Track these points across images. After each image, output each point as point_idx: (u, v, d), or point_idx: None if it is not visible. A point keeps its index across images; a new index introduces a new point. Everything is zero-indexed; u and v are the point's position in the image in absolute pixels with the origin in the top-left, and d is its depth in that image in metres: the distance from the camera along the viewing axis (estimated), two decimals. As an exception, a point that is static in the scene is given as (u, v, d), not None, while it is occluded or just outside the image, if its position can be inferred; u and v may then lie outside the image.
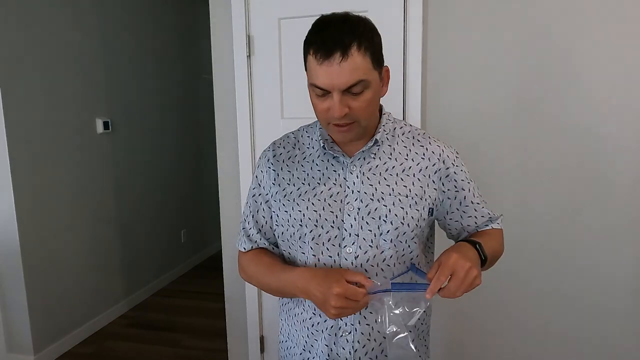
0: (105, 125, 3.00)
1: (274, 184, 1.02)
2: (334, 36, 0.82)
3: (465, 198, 1.02)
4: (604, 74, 1.71)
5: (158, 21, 3.56)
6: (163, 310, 3.30)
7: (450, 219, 1.04)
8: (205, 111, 4.11)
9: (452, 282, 0.80)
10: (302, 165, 1.01)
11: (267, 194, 1.04)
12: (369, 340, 0.96)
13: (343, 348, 0.96)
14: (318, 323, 0.98)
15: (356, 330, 0.95)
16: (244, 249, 1.07)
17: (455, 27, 1.82)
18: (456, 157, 1.02)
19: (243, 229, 1.08)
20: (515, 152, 1.83)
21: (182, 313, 3.23)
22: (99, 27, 2.95)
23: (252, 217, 1.06)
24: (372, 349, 0.96)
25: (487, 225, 1.05)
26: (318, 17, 0.90)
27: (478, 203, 1.04)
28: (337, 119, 0.87)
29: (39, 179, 2.54)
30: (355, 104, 0.86)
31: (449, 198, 1.01)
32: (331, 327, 0.96)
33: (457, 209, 1.02)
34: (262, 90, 2.05)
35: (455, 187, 1.00)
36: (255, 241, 1.06)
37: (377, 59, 0.87)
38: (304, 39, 0.88)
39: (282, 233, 1.01)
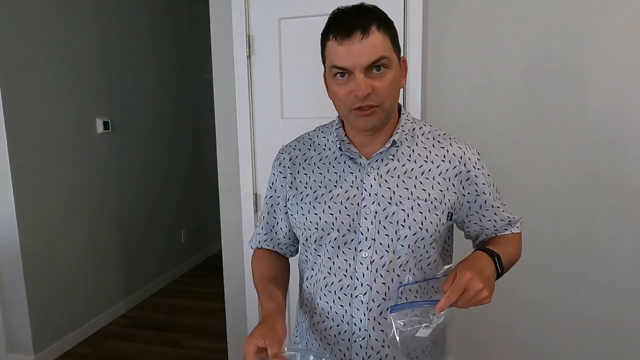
0: (105, 125, 3.00)
1: (290, 187, 1.02)
2: (353, 18, 0.84)
3: (485, 202, 0.99)
4: (608, 74, 1.71)
5: (158, 21, 3.56)
6: (163, 310, 3.30)
7: (470, 221, 1.01)
8: (205, 111, 4.11)
9: (460, 301, 0.79)
10: (319, 168, 0.99)
11: (278, 197, 1.05)
12: (383, 347, 0.94)
13: (357, 354, 0.95)
14: (330, 327, 0.97)
15: (370, 336, 0.94)
16: (251, 246, 1.14)
17: (455, 27, 1.82)
18: (478, 159, 0.98)
19: (256, 227, 1.17)
20: (515, 153, 1.83)
21: (182, 313, 3.23)
22: (99, 27, 2.95)
23: (263, 218, 1.11)
24: (386, 355, 0.95)
25: (507, 229, 1.03)
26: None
27: (498, 207, 1.01)
28: (361, 99, 0.85)
29: (39, 179, 2.54)
30: (378, 84, 0.85)
31: (468, 202, 0.98)
32: (345, 331, 0.95)
33: (477, 212, 1.00)
34: (262, 90, 2.05)
35: (476, 190, 0.97)
36: (258, 241, 1.12)
37: (396, 44, 0.89)
38: (322, 31, 0.89)
39: (301, 236, 1.01)
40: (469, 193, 0.97)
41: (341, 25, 0.84)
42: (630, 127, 1.71)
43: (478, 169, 0.97)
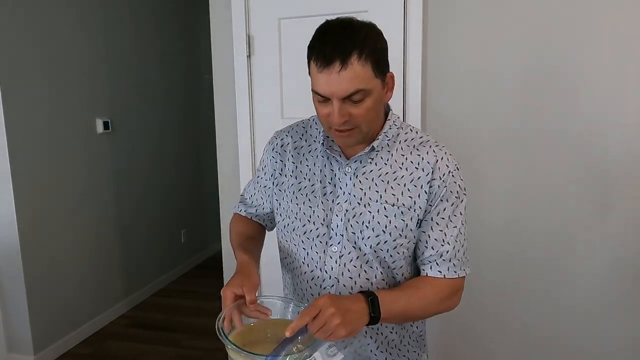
0: (105, 125, 2.99)
1: (280, 174, 1.06)
2: (334, 44, 0.82)
3: (437, 214, 0.93)
4: (609, 73, 1.70)
5: (158, 21, 3.56)
6: (163, 310, 3.30)
7: (420, 232, 0.95)
8: (205, 111, 4.11)
9: (310, 325, 0.79)
10: (307, 160, 1.02)
11: (267, 180, 1.10)
12: (350, 293, 0.96)
13: None
14: (305, 273, 1.02)
15: (338, 282, 0.97)
16: (233, 212, 1.22)
17: (456, 27, 1.82)
18: (450, 172, 0.93)
19: (242, 195, 1.21)
20: (516, 156, 1.83)
21: (182, 313, 3.23)
22: (99, 27, 2.94)
23: (249, 192, 1.18)
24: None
25: (434, 261, 0.94)
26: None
27: (441, 230, 0.93)
28: (337, 125, 0.87)
29: (39, 179, 2.54)
30: (355, 111, 0.86)
31: (430, 206, 0.93)
32: (317, 277, 1.00)
33: (424, 221, 0.94)
34: (262, 90, 2.05)
35: (432, 199, 0.93)
36: (240, 210, 1.19)
37: (379, 67, 0.85)
38: (308, 43, 0.88)
39: (279, 222, 1.06)
40: (431, 198, 0.93)
41: (321, 52, 0.83)
42: (632, 129, 1.71)
43: (443, 180, 0.92)
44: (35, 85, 2.50)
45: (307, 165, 1.02)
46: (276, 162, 1.07)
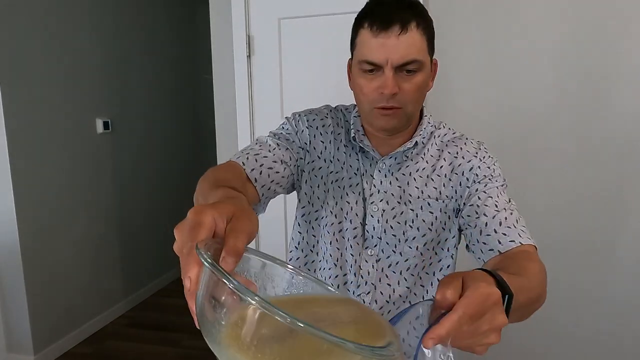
0: (105, 125, 2.99)
1: (319, 156, 0.92)
2: (393, 9, 0.78)
3: (485, 189, 0.83)
4: (613, 74, 1.70)
5: (158, 21, 3.56)
6: (163, 310, 3.30)
7: (465, 212, 0.85)
8: (205, 111, 4.11)
9: (469, 328, 0.45)
10: (344, 148, 0.93)
11: (293, 142, 0.91)
12: (388, 302, 0.89)
13: None
14: (337, 276, 0.91)
15: (375, 289, 0.89)
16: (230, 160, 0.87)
17: (456, 27, 1.81)
18: (490, 157, 0.90)
19: (246, 151, 0.87)
20: (517, 154, 1.83)
21: (182, 313, 3.23)
22: (99, 27, 2.94)
23: (261, 146, 0.89)
24: (389, 312, 0.90)
25: (510, 236, 0.77)
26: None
27: (503, 205, 0.82)
28: (387, 97, 0.80)
29: (39, 179, 2.54)
30: (406, 86, 0.80)
31: (473, 185, 0.86)
32: (351, 282, 0.90)
33: (475, 199, 0.84)
34: (262, 90, 2.05)
35: (477, 175, 0.87)
36: (239, 158, 0.85)
37: (431, 45, 0.83)
38: (356, 15, 0.82)
39: (305, 212, 0.93)
40: (476, 181, 0.86)
41: (379, 15, 0.77)
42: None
43: (484, 162, 0.88)
44: (35, 85, 2.50)
45: (345, 153, 0.92)
46: (312, 139, 0.92)
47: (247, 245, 0.44)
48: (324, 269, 0.92)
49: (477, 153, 0.89)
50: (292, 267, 0.51)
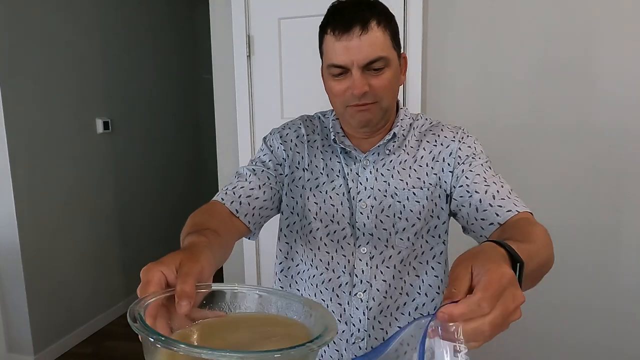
0: (105, 125, 2.99)
1: (297, 167, 0.95)
2: (352, 12, 0.80)
3: (470, 168, 0.86)
4: (612, 74, 1.71)
5: (158, 21, 3.56)
6: (163, 310, 3.29)
7: (458, 191, 0.87)
8: (205, 111, 4.11)
9: (492, 314, 0.43)
10: (322, 154, 0.95)
11: (268, 169, 0.93)
12: (385, 298, 0.90)
13: (357, 308, 0.90)
14: (330, 280, 0.92)
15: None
16: (213, 199, 0.90)
17: (456, 27, 1.82)
18: (469, 136, 0.92)
19: (225, 187, 0.92)
20: (515, 151, 1.83)
21: (182, 313, 3.23)
22: (99, 27, 2.94)
23: (241, 180, 0.92)
24: (388, 307, 0.90)
25: (504, 206, 0.79)
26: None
27: (493, 175, 0.86)
28: (357, 97, 0.82)
29: (39, 179, 2.54)
30: (376, 82, 0.82)
31: (459, 171, 0.88)
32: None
33: (465, 177, 0.86)
34: (262, 90, 2.05)
35: (466, 155, 0.89)
36: (221, 197, 0.89)
37: (396, 40, 0.85)
38: (320, 23, 0.86)
39: (289, 223, 0.95)
40: (458, 163, 0.89)
41: (340, 19, 0.80)
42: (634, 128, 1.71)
43: (464, 142, 0.90)
44: (35, 85, 2.50)
45: (323, 159, 0.94)
46: (289, 152, 0.95)
47: (203, 282, 0.53)
48: (315, 275, 0.93)
49: (454, 137, 0.91)
50: (261, 288, 0.56)
